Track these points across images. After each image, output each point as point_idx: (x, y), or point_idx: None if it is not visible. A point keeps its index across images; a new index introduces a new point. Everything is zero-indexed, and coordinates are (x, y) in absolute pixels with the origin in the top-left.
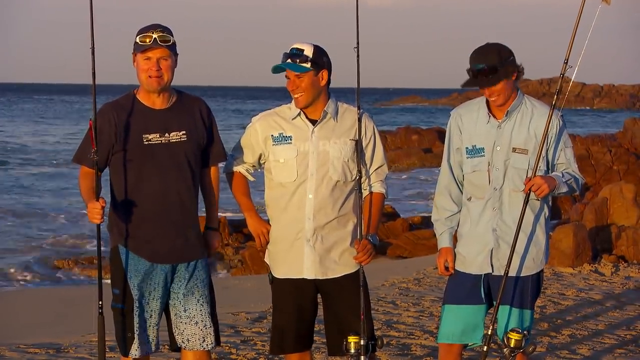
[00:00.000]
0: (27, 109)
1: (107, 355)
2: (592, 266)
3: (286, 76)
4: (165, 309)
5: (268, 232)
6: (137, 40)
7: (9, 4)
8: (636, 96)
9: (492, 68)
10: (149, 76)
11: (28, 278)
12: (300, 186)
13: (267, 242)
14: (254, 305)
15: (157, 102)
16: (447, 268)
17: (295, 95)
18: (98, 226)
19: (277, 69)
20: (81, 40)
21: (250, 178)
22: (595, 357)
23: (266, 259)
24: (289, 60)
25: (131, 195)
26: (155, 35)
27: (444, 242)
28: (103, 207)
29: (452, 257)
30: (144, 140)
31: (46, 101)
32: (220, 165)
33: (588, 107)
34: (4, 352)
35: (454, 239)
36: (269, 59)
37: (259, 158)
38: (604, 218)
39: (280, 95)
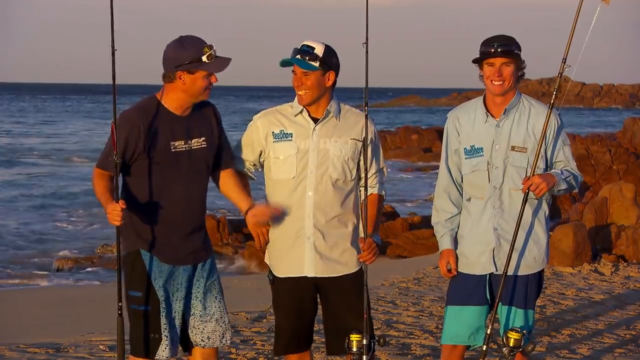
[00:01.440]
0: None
1: (106, 355)
2: (591, 266)
3: (293, 71)
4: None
5: (267, 231)
6: (205, 60)
7: (9, 4)
8: (636, 96)
9: (511, 49)
10: (206, 89)
11: (27, 277)
12: (299, 184)
13: (267, 242)
14: (253, 304)
15: (184, 110)
16: (449, 270)
17: (300, 92)
18: (118, 228)
19: (285, 63)
20: (81, 41)
21: (252, 177)
22: (595, 356)
23: (266, 260)
24: (298, 56)
25: (156, 201)
26: (214, 54)
27: (445, 244)
28: (123, 209)
29: (454, 259)
30: (172, 148)
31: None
32: None
33: (588, 107)
34: (4, 351)
35: (455, 241)
36: (273, 59)
37: (260, 155)
38: (603, 218)
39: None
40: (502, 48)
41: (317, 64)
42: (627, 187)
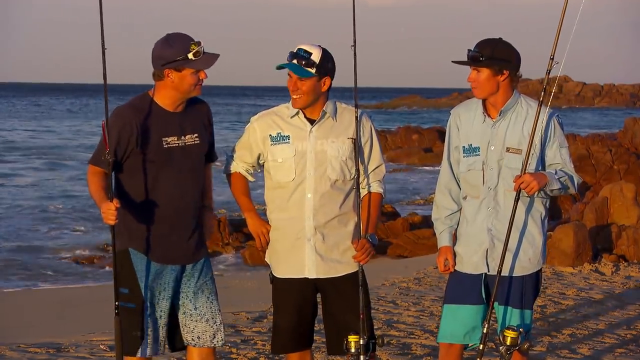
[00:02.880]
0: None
1: (106, 355)
2: (592, 266)
3: (288, 74)
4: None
5: (268, 232)
6: (191, 57)
7: (9, 3)
8: (636, 95)
9: (478, 57)
10: (196, 85)
11: (28, 277)
12: (299, 186)
13: (268, 242)
14: (254, 304)
15: (176, 106)
16: (447, 268)
17: (294, 96)
18: (112, 227)
19: (281, 68)
20: (79, 41)
21: (250, 178)
22: (595, 356)
23: (267, 259)
24: (294, 61)
25: (147, 198)
26: (202, 51)
27: (443, 241)
28: (117, 208)
29: (451, 256)
30: (164, 144)
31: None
32: (218, 164)
33: (588, 107)
34: (5, 351)
35: (454, 238)
36: (273, 58)
37: (258, 158)
38: (604, 217)
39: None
40: (471, 55)
41: (313, 70)
42: (627, 187)
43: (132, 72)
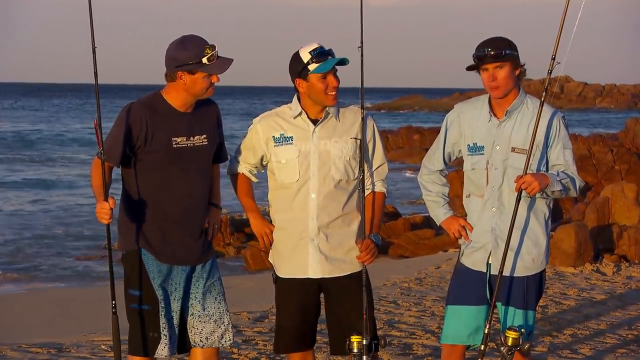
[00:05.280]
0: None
1: (107, 355)
2: (593, 266)
3: (323, 77)
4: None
5: (272, 232)
6: (205, 61)
7: (9, 3)
8: (638, 96)
9: (501, 52)
10: (208, 88)
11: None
12: (303, 186)
13: (271, 243)
14: (255, 304)
15: (187, 107)
16: (458, 238)
17: (334, 93)
18: (107, 226)
19: (342, 62)
20: (82, 41)
21: (254, 179)
22: (597, 356)
23: (270, 259)
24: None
25: (156, 198)
26: (216, 55)
27: (446, 213)
28: (112, 209)
29: (464, 220)
30: (173, 144)
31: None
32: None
33: (589, 107)
34: (6, 351)
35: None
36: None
37: (261, 159)
38: (605, 218)
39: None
40: (492, 52)
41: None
42: (629, 187)
43: (132, 72)
